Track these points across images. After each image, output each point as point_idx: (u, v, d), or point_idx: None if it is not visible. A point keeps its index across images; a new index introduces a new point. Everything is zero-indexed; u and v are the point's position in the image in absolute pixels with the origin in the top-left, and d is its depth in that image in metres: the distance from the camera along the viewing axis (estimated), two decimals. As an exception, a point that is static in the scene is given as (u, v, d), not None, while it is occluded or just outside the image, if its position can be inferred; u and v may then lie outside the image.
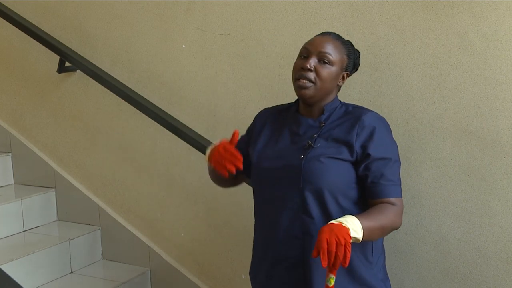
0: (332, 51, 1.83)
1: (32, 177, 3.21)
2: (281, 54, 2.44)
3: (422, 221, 2.21)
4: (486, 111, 2.06)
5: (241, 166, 1.78)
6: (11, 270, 2.19)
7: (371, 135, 1.79)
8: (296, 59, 1.88)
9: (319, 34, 1.90)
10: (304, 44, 1.88)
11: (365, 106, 2.23)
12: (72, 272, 2.87)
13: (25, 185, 3.22)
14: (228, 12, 2.54)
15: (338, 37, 1.88)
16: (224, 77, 2.59)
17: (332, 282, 1.57)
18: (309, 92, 1.82)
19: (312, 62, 1.82)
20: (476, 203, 2.11)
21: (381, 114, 2.21)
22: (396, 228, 1.80)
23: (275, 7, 2.43)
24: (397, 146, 1.88)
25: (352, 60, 1.89)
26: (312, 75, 1.81)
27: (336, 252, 1.54)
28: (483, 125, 2.07)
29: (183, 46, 2.68)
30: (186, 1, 2.64)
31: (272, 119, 1.98)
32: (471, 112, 2.09)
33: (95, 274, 2.87)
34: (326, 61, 1.82)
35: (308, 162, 1.79)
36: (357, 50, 1.95)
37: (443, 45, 2.11)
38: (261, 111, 2.05)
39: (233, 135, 1.82)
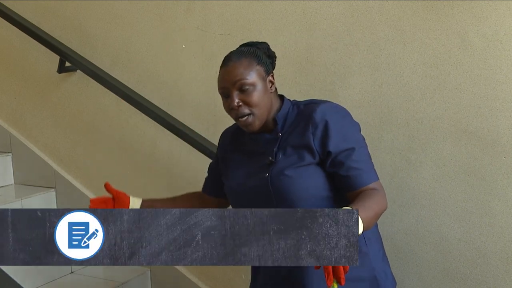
0: (244, 74, 1.73)
1: (32, 177, 3.21)
2: (281, 54, 2.42)
3: (422, 221, 2.21)
4: (486, 111, 2.06)
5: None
6: (11, 270, 2.18)
7: (326, 132, 1.71)
8: (222, 100, 1.81)
9: (222, 66, 1.80)
10: (218, 84, 1.79)
11: (365, 106, 2.25)
12: (72, 272, 2.86)
13: (25, 185, 3.22)
14: (228, 12, 2.54)
15: (239, 55, 1.77)
16: (224, 77, 2.58)
17: (336, 286, 1.56)
18: (254, 124, 1.75)
19: (236, 97, 1.73)
20: (476, 203, 2.11)
21: (381, 114, 2.23)
22: (384, 211, 1.73)
23: (275, 7, 2.43)
24: (359, 128, 1.80)
25: (265, 62, 1.79)
26: (245, 109, 1.73)
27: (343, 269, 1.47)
28: (483, 125, 2.07)
29: (183, 46, 2.68)
30: (186, 1, 2.64)
31: (233, 143, 1.93)
32: (471, 112, 2.09)
33: (95, 274, 2.87)
34: (247, 87, 1.72)
35: (274, 180, 1.74)
36: (261, 42, 1.85)
37: (443, 45, 2.11)
38: (220, 137, 2.02)
39: (106, 187, 1.97)
